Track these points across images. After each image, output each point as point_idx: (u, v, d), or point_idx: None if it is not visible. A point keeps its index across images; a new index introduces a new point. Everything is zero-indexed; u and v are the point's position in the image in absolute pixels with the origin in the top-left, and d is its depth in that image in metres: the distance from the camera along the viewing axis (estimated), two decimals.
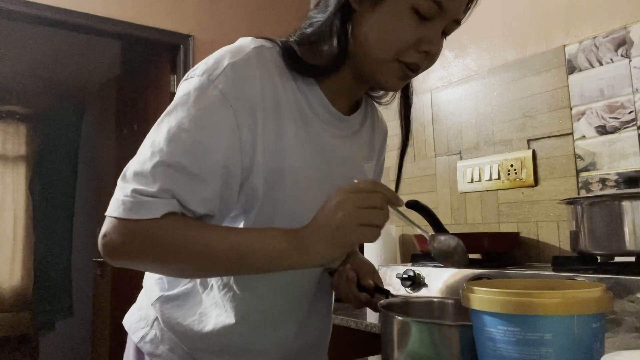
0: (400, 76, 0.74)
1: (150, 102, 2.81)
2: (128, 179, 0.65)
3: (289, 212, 0.73)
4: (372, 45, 0.72)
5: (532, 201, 1.83)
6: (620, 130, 1.61)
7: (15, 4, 2.20)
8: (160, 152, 0.65)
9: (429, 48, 0.71)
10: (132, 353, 0.85)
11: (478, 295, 0.52)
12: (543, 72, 1.83)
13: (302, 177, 0.74)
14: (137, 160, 0.66)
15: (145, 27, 2.50)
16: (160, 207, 0.63)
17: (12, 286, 4.10)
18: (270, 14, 2.86)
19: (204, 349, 0.79)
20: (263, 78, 0.70)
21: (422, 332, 0.62)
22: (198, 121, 0.66)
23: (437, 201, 2.16)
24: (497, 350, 0.50)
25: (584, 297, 0.48)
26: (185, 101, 0.67)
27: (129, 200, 0.63)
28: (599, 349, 0.49)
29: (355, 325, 1.47)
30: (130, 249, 0.66)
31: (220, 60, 0.69)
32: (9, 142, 4.22)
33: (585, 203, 1.40)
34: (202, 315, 0.78)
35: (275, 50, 0.74)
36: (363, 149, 0.87)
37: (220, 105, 0.67)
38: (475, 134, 2.04)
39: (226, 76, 0.68)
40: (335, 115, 0.79)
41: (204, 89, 0.67)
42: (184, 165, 0.64)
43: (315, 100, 0.77)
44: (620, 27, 1.63)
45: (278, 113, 0.71)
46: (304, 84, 0.76)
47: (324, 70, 0.75)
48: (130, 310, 0.89)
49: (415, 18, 0.69)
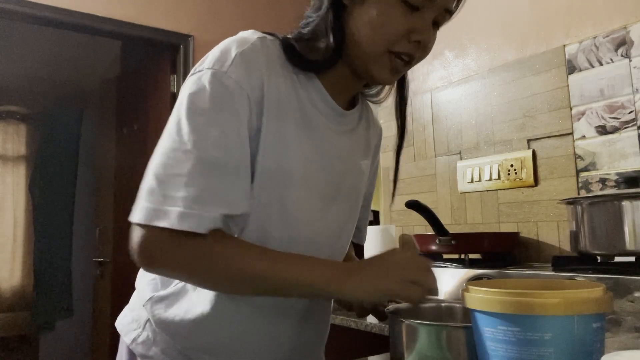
0: (393, 68, 0.74)
1: (150, 102, 2.81)
2: (164, 183, 0.63)
3: (284, 209, 0.74)
4: (363, 38, 0.72)
5: (532, 201, 1.83)
6: (620, 130, 1.61)
7: (15, 4, 2.20)
8: (193, 152, 0.64)
9: (420, 37, 0.71)
10: (124, 355, 0.84)
11: (478, 295, 0.52)
12: (543, 72, 1.83)
13: (298, 175, 0.75)
14: (168, 162, 0.64)
15: (145, 27, 2.50)
16: (207, 221, 0.63)
17: (12, 286, 4.11)
18: (270, 14, 2.86)
19: (197, 347, 0.78)
20: (269, 67, 0.71)
21: (430, 335, 0.62)
22: (222, 114, 0.66)
23: (437, 201, 2.16)
24: (497, 350, 0.50)
25: (584, 297, 0.48)
26: (202, 96, 0.67)
27: (176, 211, 0.61)
28: (599, 349, 0.49)
29: (355, 325, 1.47)
30: (175, 260, 0.65)
31: (227, 51, 0.69)
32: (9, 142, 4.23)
33: (585, 203, 1.40)
34: (194, 313, 0.77)
35: (277, 43, 0.75)
36: (360, 146, 0.88)
37: (239, 94, 0.67)
38: (475, 134, 2.04)
39: (237, 65, 0.68)
40: (336, 110, 0.80)
41: (219, 81, 0.67)
42: (220, 161, 0.65)
43: (316, 94, 0.78)
44: (620, 27, 1.63)
45: (280, 105, 0.72)
46: (305, 78, 0.77)
47: (321, 66, 0.76)
48: (123, 311, 0.89)
49: (404, 8, 0.69)
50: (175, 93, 2.64)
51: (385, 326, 1.38)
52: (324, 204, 0.79)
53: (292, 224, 0.75)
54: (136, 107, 2.94)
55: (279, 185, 0.73)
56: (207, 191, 0.63)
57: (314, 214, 0.78)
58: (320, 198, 0.79)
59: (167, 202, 0.62)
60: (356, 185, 0.87)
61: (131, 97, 3.03)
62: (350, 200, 0.86)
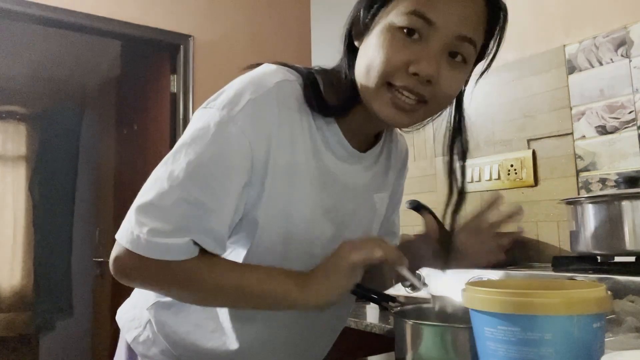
0: (395, 104, 0.67)
1: (150, 102, 2.81)
2: (144, 209, 0.65)
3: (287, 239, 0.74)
4: (363, 73, 0.68)
5: (532, 201, 1.83)
6: (620, 130, 1.61)
7: (15, 4, 2.20)
8: (179, 187, 0.64)
9: (417, 69, 0.64)
10: (124, 350, 0.85)
11: (478, 295, 0.52)
12: (543, 72, 1.83)
13: (307, 209, 0.74)
14: (154, 189, 0.65)
15: (145, 27, 2.50)
16: (175, 252, 0.65)
17: (12, 286, 4.10)
18: (271, 13, 2.86)
19: (194, 358, 0.79)
20: (281, 114, 0.69)
21: (434, 335, 0.62)
22: (218, 158, 0.66)
23: (437, 201, 2.15)
24: (497, 350, 0.50)
25: (584, 297, 0.48)
26: (205, 135, 0.66)
27: (145, 239, 0.63)
28: (599, 349, 0.49)
29: (355, 325, 1.47)
30: (143, 279, 0.69)
31: (241, 94, 0.68)
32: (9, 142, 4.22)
33: (585, 203, 1.40)
34: (199, 327, 0.78)
35: (298, 84, 0.72)
36: (375, 181, 0.85)
37: (238, 142, 0.66)
38: (475, 134, 2.04)
39: (246, 113, 0.66)
40: (351, 153, 0.77)
41: (223, 125, 0.66)
42: (203, 202, 0.65)
43: (332, 138, 0.75)
44: (620, 27, 1.63)
45: (292, 146, 0.70)
46: (322, 121, 0.74)
47: (339, 110, 0.73)
48: (125, 306, 0.89)
49: (402, 37, 0.65)
50: (175, 93, 2.63)
51: (385, 326, 1.38)
52: (327, 241, 0.78)
53: (293, 261, 0.74)
54: (136, 107, 2.94)
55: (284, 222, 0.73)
56: (180, 224, 0.64)
57: (315, 250, 0.76)
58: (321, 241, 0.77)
59: (141, 229, 0.64)
60: (366, 221, 0.86)
61: (131, 97, 3.03)
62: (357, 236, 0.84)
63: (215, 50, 2.63)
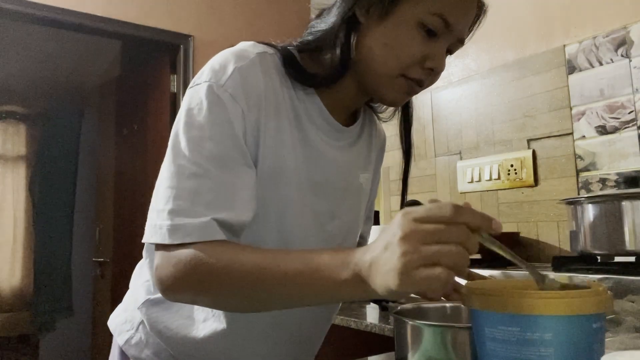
0: (404, 92, 0.73)
1: (150, 102, 2.81)
2: (158, 197, 0.64)
3: (280, 214, 0.73)
4: (377, 59, 0.70)
5: (532, 201, 1.83)
6: (620, 130, 1.61)
7: (15, 4, 2.20)
8: (188, 164, 0.64)
9: (434, 65, 0.70)
10: (116, 355, 0.84)
11: (478, 295, 0.52)
12: (543, 72, 1.83)
13: (295, 179, 0.74)
14: (164, 177, 0.65)
15: (145, 27, 2.50)
16: (198, 233, 0.60)
17: (12, 286, 4.10)
18: (271, 13, 2.86)
19: (191, 354, 0.78)
20: (266, 82, 0.70)
21: (435, 335, 0.62)
22: (218, 128, 0.66)
23: None
24: (497, 350, 0.50)
25: (584, 297, 0.48)
26: (199, 110, 0.67)
27: (166, 224, 0.61)
28: (599, 349, 0.49)
29: (355, 325, 1.47)
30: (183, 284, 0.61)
31: (226, 65, 0.69)
32: (9, 142, 4.22)
33: (585, 203, 1.40)
34: (190, 319, 0.77)
35: (277, 57, 0.74)
36: (359, 160, 0.86)
37: (231, 105, 0.67)
38: (475, 134, 2.04)
39: (234, 80, 0.67)
40: (334, 126, 0.78)
41: (215, 95, 0.67)
42: (213, 173, 0.64)
43: (313, 110, 0.76)
44: (620, 27, 1.63)
45: (277, 116, 0.71)
46: (303, 93, 0.75)
47: (324, 81, 0.74)
48: (116, 310, 0.89)
49: (422, 34, 0.68)
50: (175, 93, 2.64)
51: (385, 326, 1.38)
52: (320, 221, 0.78)
53: (288, 240, 0.74)
54: (136, 107, 2.94)
55: (274, 184, 0.72)
56: (196, 201, 0.62)
57: (309, 230, 0.76)
58: (315, 216, 0.77)
59: (161, 217, 0.62)
60: (355, 200, 0.86)
61: (131, 97, 3.03)
62: (350, 216, 0.85)
63: (215, 50, 2.58)
